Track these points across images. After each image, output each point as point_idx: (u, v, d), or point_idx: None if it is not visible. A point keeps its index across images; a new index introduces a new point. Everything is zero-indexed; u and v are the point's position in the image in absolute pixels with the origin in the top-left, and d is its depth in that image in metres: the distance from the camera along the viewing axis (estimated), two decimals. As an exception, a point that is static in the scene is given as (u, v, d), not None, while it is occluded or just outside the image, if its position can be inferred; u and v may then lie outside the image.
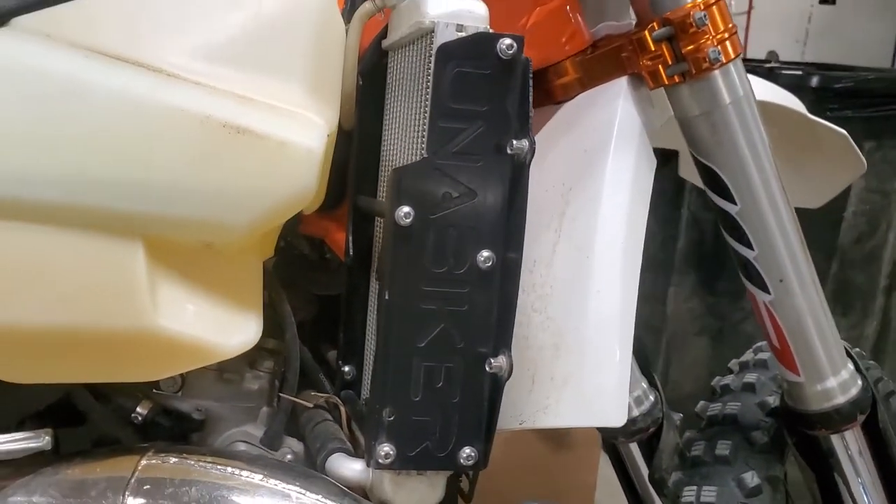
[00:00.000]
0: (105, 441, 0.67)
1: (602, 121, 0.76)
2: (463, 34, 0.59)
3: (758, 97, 0.96)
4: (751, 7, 3.99)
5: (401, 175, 0.59)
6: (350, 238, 0.70)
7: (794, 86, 1.66)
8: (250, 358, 0.73)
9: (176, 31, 0.61)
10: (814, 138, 1.09)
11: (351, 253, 0.69)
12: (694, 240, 1.83)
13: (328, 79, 0.65)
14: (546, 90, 0.81)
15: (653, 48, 0.75)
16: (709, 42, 0.73)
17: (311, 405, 0.70)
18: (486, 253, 0.60)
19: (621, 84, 0.77)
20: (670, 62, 0.75)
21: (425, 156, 0.59)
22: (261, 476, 0.59)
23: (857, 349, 1.09)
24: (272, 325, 0.73)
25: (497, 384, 0.62)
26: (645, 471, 0.98)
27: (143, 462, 0.59)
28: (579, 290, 0.70)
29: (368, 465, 0.61)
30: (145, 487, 0.58)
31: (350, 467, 0.64)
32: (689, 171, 1.05)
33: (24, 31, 0.58)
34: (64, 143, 0.56)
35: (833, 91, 1.63)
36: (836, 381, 0.84)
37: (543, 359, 0.69)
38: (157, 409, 0.67)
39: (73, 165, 0.56)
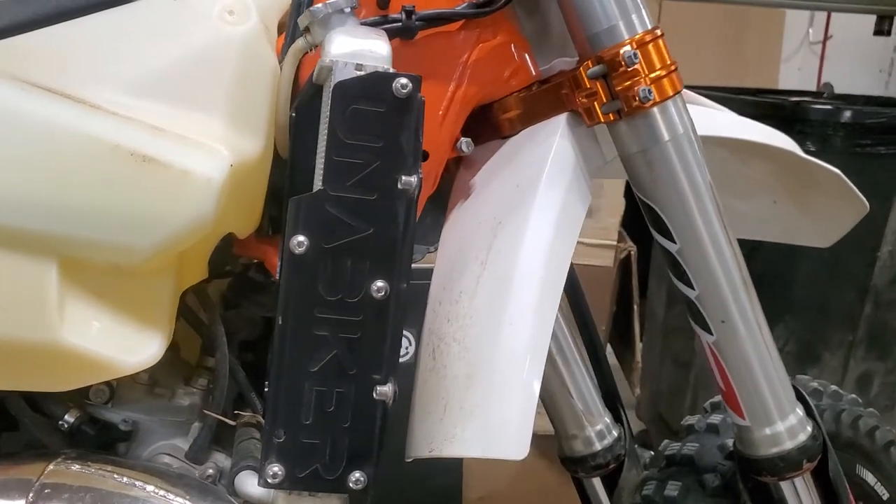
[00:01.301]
0: (35, 446, 0.71)
1: (537, 156, 0.77)
2: (361, 73, 0.62)
3: (746, 137, 0.96)
4: (826, 36, 3.90)
5: (296, 205, 0.61)
6: (280, 262, 0.73)
7: (821, 122, 1.62)
8: (186, 374, 0.77)
9: (103, 66, 0.65)
10: (812, 178, 1.07)
11: (277, 276, 0.72)
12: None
13: (251, 112, 0.68)
14: (493, 124, 0.83)
15: (588, 85, 0.76)
16: (641, 81, 0.74)
17: (233, 423, 0.73)
18: (379, 283, 0.62)
19: (559, 121, 0.78)
20: (605, 100, 0.75)
21: (321, 188, 0.61)
22: (153, 487, 0.63)
23: (834, 386, 1.05)
24: (210, 344, 0.77)
25: (384, 411, 0.63)
26: (608, 507, 0.98)
27: (50, 467, 0.63)
28: (494, 322, 0.71)
29: (258, 484, 0.63)
30: (46, 491, 0.62)
31: (253, 484, 0.66)
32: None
33: (-33, 63, 0.64)
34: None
35: (865, 127, 1.58)
36: (784, 425, 0.82)
37: (457, 388, 0.71)
38: (84, 417, 0.71)
39: (-4, 187, 0.61)
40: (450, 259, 0.78)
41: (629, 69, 0.73)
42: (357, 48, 0.62)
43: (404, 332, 1.49)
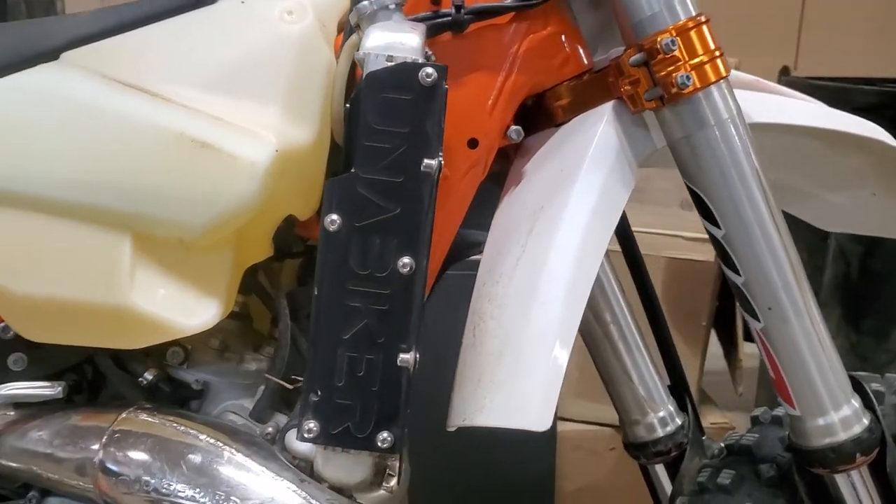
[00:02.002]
0: (117, 398, 0.81)
1: (581, 143, 0.80)
2: (391, 64, 0.67)
3: (831, 127, 0.94)
4: None
5: (330, 186, 0.67)
6: None
7: None
8: (255, 342, 0.85)
9: (175, 64, 0.74)
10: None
11: None
12: (840, 272, 1.72)
13: (305, 103, 0.74)
14: (547, 113, 0.86)
15: (631, 73, 0.78)
16: (681, 67, 0.75)
17: (290, 387, 0.80)
18: (405, 259, 0.67)
19: (606, 108, 0.80)
20: (647, 87, 0.77)
21: (353, 171, 0.67)
22: (206, 437, 0.70)
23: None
24: (275, 317, 0.84)
25: (408, 378, 0.68)
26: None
27: (123, 415, 0.73)
28: (527, 302, 0.74)
29: (296, 438, 0.70)
30: (117, 436, 0.71)
31: (298, 441, 0.73)
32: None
33: (67, 63, 0.74)
34: (78, 153, 0.71)
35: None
36: (837, 416, 0.81)
37: (490, 363, 0.75)
38: (161, 376, 0.80)
39: (82, 170, 0.71)
40: (496, 242, 0.82)
41: (668, 56, 0.75)
42: (388, 41, 0.67)
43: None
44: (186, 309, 0.72)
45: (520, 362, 0.73)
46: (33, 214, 0.71)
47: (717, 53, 0.77)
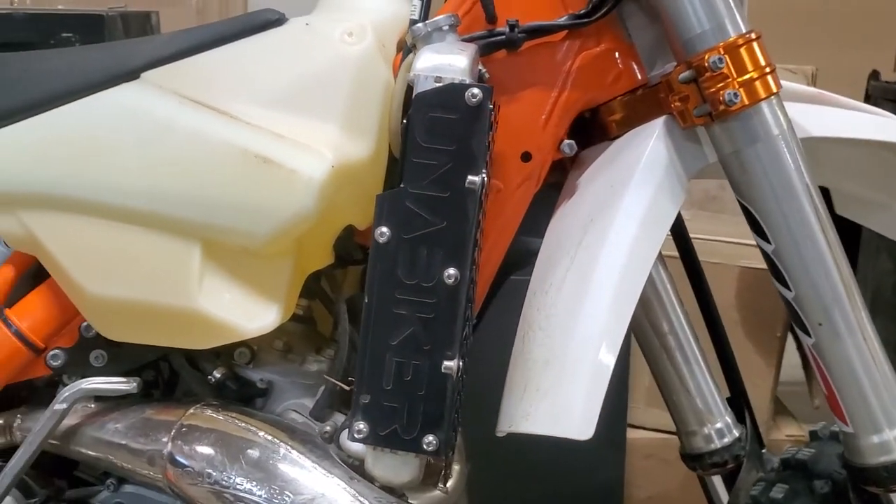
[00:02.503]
0: (189, 394, 0.87)
1: (632, 157, 0.82)
2: (439, 84, 0.70)
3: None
4: None
5: (380, 200, 0.71)
6: None
7: None
8: (318, 345, 0.90)
9: (242, 83, 0.79)
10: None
11: None
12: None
13: (363, 120, 0.78)
14: (602, 127, 0.88)
15: (680, 89, 0.79)
16: (729, 84, 0.76)
17: (348, 388, 0.84)
18: (451, 271, 0.70)
19: (657, 123, 0.82)
20: (697, 103, 0.78)
21: (402, 186, 0.71)
22: (265, 434, 0.75)
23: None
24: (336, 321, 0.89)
25: (453, 384, 0.71)
26: (727, 505, 0.99)
27: (191, 411, 0.78)
28: (573, 312, 0.77)
29: (347, 438, 0.74)
30: (184, 430, 0.76)
31: (350, 441, 0.77)
32: (844, 208, 1.03)
33: (146, 83, 0.80)
34: (154, 167, 0.77)
35: None
36: (892, 434, 0.80)
37: (536, 371, 0.77)
38: (228, 374, 0.85)
39: (158, 183, 0.77)
40: (548, 252, 0.85)
41: (716, 73, 0.76)
42: (437, 63, 0.71)
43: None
44: (248, 313, 0.77)
45: (564, 371, 0.75)
46: (114, 223, 0.78)
47: (768, 70, 0.77)
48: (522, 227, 0.88)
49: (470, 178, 0.69)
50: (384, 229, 0.71)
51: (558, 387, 0.75)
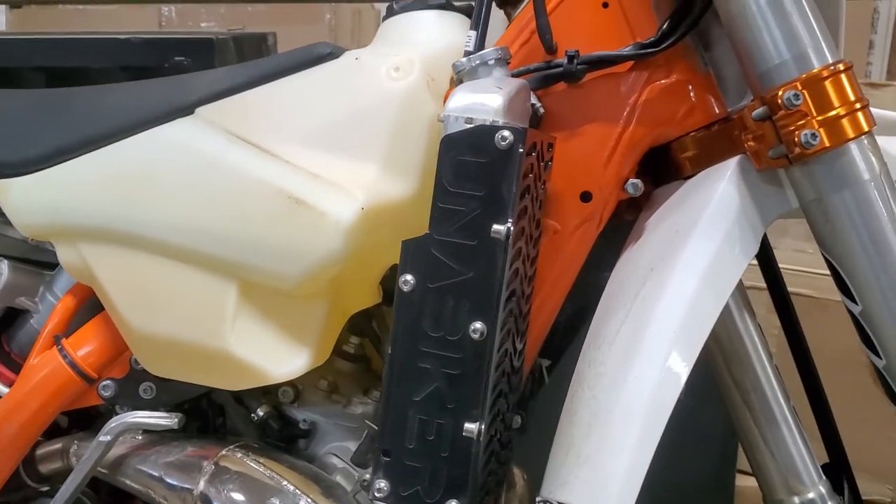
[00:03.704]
0: (233, 432, 0.86)
1: (700, 201, 0.74)
2: (469, 126, 0.65)
3: None
4: None
5: (406, 247, 0.67)
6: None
7: None
8: (367, 386, 0.87)
9: (284, 120, 0.77)
10: None
11: None
12: None
13: (404, 158, 0.75)
14: (675, 164, 0.80)
15: (754, 128, 0.70)
16: (807, 124, 0.67)
17: (388, 435, 0.81)
18: (477, 325, 0.65)
19: (731, 164, 0.74)
20: (772, 144, 0.69)
21: (428, 232, 0.66)
22: (288, 482, 0.73)
23: None
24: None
25: (477, 448, 0.66)
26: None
27: (222, 453, 0.77)
28: (622, 373, 0.70)
29: (369, 497, 0.70)
30: (213, 471, 0.75)
31: (381, 496, 0.73)
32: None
33: (199, 118, 0.80)
34: (198, 203, 0.76)
35: None
36: None
37: (579, 435, 0.71)
38: (272, 413, 0.84)
39: (200, 219, 0.76)
40: (607, 301, 0.78)
41: (791, 111, 0.67)
42: (468, 103, 0.66)
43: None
44: (278, 357, 0.75)
45: (606, 439, 0.68)
46: (160, 259, 0.78)
47: (858, 105, 0.67)
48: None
49: (495, 227, 0.64)
50: (409, 277, 0.67)
51: (598, 455, 0.68)
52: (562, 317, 0.90)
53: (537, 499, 0.73)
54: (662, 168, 0.82)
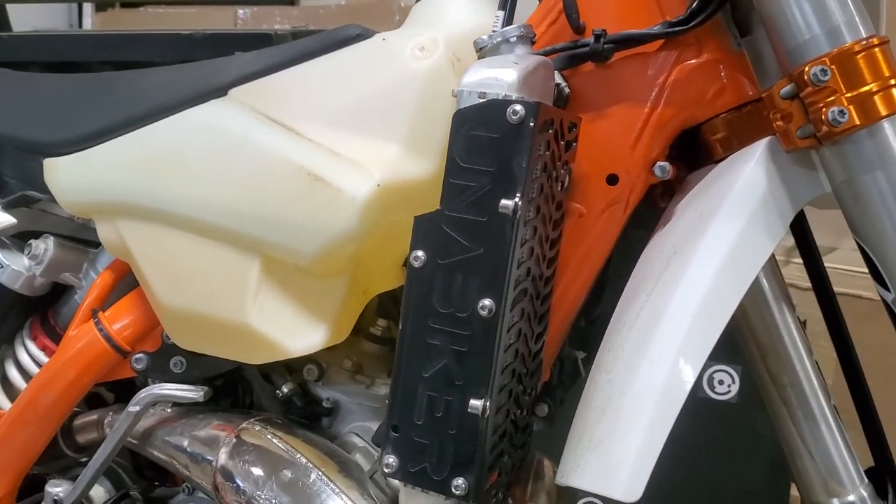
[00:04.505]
0: (259, 409, 0.87)
1: (726, 184, 0.72)
2: (482, 101, 0.65)
3: None
4: None
5: (417, 222, 0.67)
6: None
7: None
8: (389, 368, 0.87)
9: (311, 101, 0.78)
10: None
11: None
12: None
13: (427, 137, 0.75)
14: (706, 147, 0.78)
15: (781, 107, 0.68)
16: (834, 101, 0.64)
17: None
18: (486, 301, 0.65)
19: (759, 145, 0.71)
20: (801, 123, 0.67)
21: (439, 208, 0.66)
22: (301, 455, 0.73)
23: None
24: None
25: (485, 425, 0.65)
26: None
27: (242, 426, 0.78)
28: (637, 357, 0.68)
29: (377, 472, 0.70)
30: (233, 443, 0.76)
31: (394, 474, 0.73)
32: None
33: (231, 100, 0.81)
34: (225, 181, 0.78)
35: None
36: None
37: (592, 419, 0.70)
38: (296, 390, 0.85)
39: (226, 196, 0.78)
40: (630, 288, 0.76)
41: (819, 88, 0.64)
42: (482, 77, 0.65)
43: (726, 368, 1.42)
44: (295, 332, 0.75)
45: (618, 423, 0.67)
46: (188, 235, 0.80)
47: (893, 82, 0.64)
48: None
49: (503, 202, 0.63)
50: (420, 253, 0.66)
51: (610, 440, 0.67)
52: (599, 308, 0.89)
53: (555, 481, 0.72)
54: (696, 151, 0.79)
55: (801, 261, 0.87)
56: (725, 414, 1.40)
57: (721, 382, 1.43)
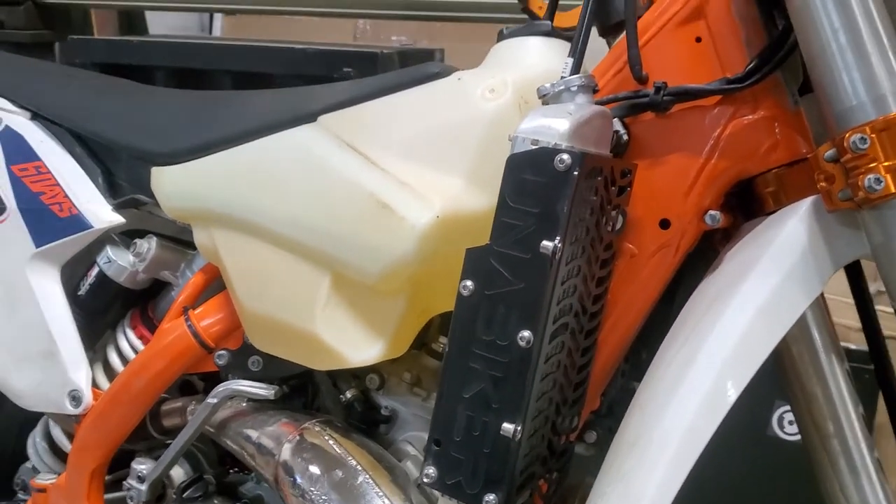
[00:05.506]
0: (325, 411, 0.94)
1: (769, 237, 0.74)
2: (534, 148, 0.70)
3: None
4: None
5: (468, 254, 0.73)
6: None
7: None
8: (446, 383, 0.93)
9: (388, 132, 0.85)
10: None
11: None
12: None
13: (489, 173, 0.80)
14: (759, 199, 0.81)
15: (825, 168, 0.70)
16: (872, 169, 0.66)
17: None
18: (525, 333, 0.70)
19: (805, 203, 0.74)
20: (842, 185, 0.69)
21: (489, 243, 0.72)
22: (353, 459, 0.80)
23: None
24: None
25: (516, 448, 0.70)
26: None
27: (304, 425, 0.86)
28: (668, 397, 0.72)
29: (417, 480, 0.76)
30: (296, 441, 0.84)
31: (437, 484, 0.79)
32: None
33: (319, 126, 0.89)
34: (305, 199, 0.86)
35: None
36: None
37: (623, 451, 0.74)
38: (357, 397, 0.92)
39: (305, 213, 0.86)
40: (674, 330, 0.80)
41: (857, 155, 0.66)
42: (536, 125, 0.70)
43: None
44: (355, 344, 0.82)
45: (644, 457, 0.71)
46: (270, 246, 0.88)
47: (934, 153, 0.66)
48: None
49: (545, 242, 0.68)
50: (469, 282, 0.72)
51: (635, 472, 0.71)
52: (658, 343, 0.92)
53: None
54: (752, 201, 0.82)
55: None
56: (791, 455, 1.39)
57: (791, 423, 1.42)
